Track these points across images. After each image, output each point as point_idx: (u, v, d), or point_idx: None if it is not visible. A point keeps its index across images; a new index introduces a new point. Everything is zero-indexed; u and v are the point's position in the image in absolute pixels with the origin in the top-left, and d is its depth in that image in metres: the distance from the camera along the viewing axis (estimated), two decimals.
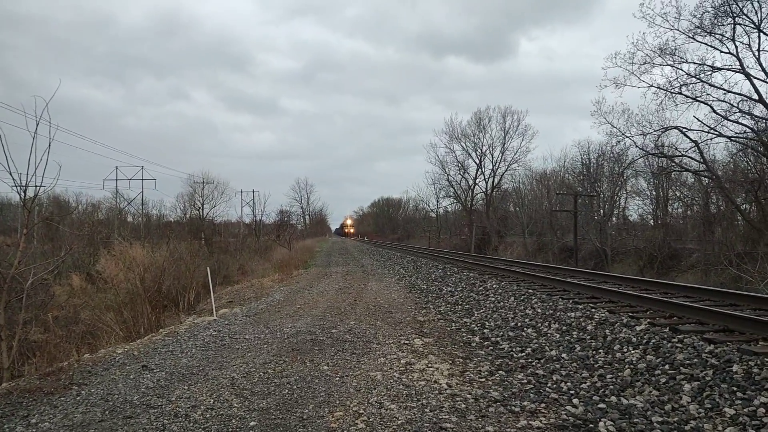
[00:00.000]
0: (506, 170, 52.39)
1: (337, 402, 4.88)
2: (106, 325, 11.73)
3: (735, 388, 4.56)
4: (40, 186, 8.84)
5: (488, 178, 53.54)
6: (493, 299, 10.81)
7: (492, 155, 52.81)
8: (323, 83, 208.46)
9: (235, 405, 4.87)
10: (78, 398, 5.29)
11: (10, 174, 8.09)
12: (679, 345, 5.75)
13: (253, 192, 64.91)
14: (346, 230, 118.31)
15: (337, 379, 5.66)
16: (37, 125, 8.01)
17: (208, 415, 4.61)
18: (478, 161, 53.68)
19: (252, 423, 4.40)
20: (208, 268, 14.48)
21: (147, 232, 35.75)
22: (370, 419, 4.41)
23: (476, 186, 54.89)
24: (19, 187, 8.70)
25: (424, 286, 14.71)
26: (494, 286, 12.27)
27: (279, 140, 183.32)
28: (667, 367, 5.32)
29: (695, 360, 5.28)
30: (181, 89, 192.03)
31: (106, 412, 4.79)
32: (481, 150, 53.14)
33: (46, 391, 5.55)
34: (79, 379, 6.04)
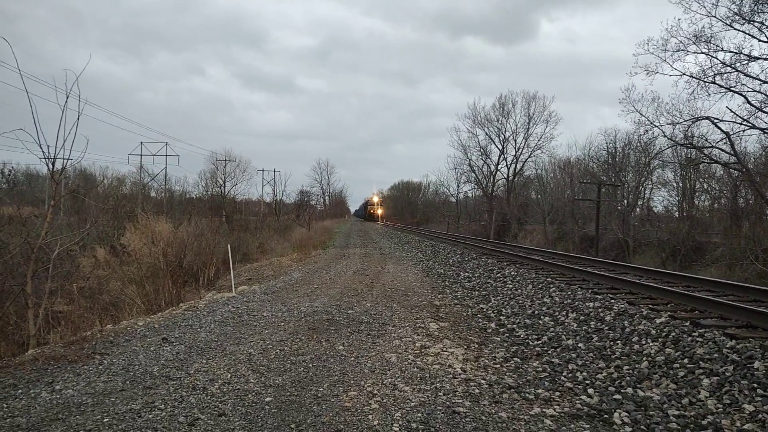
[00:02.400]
0: (529, 157, 51.80)
1: (352, 382, 4.93)
2: (128, 298, 12.01)
3: (755, 385, 4.47)
4: (68, 159, 9.00)
5: (510, 165, 53.03)
6: (510, 286, 10.76)
7: (515, 141, 52.22)
8: (339, 62, 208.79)
9: (252, 380, 4.95)
10: (100, 367, 5.43)
11: (40, 146, 8.24)
12: (699, 339, 5.66)
13: (274, 171, 65.50)
14: (371, 211, 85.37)
15: (353, 359, 5.71)
16: (67, 99, 8.13)
17: (225, 389, 4.70)
18: (500, 147, 53.13)
19: (268, 399, 4.47)
20: (228, 245, 14.67)
21: (170, 208, 36.30)
22: (384, 400, 4.45)
23: (498, 172, 54.43)
24: (47, 159, 8.86)
25: (442, 271, 14.70)
26: (512, 273, 12.19)
27: (295, 119, 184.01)
28: (686, 360, 5.25)
29: (716, 355, 5.20)
30: (196, 65, 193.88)
31: (127, 382, 4.92)
32: (504, 135, 52.56)
33: (70, 359, 5.71)
34: (101, 349, 6.20)
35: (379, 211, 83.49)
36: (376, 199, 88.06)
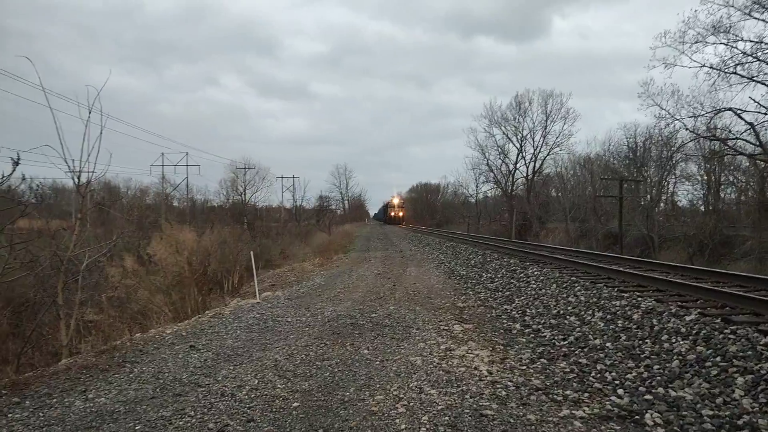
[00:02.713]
0: (548, 154, 51.30)
1: (378, 386, 4.94)
2: (155, 306, 12.21)
3: None
4: (93, 172, 9.19)
5: (529, 163, 52.60)
6: (534, 286, 10.66)
7: (533, 139, 51.80)
8: (352, 67, 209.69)
9: (279, 386, 5.00)
10: (131, 375, 5.54)
11: (65, 161, 8.43)
12: (731, 336, 5.53)
13: (293, 178, 65.95)
14: (392, 213, 77.13)
15: (378, 363, 5.72)
16: (90, 114, 8.33)
17: (253, 395, 4.75)
18: (518, 145, 52.77)
19: (295, 404, 4.51)
20: (251, 252, 14.82)
21: (192, 217, 36.84)
22: (411, 404, 4.44)
23: (517, 171, 54.01)
24: (73, 173, 9.07)
25: (464, 272, 14.63)
26: (535, 272, 12.08)
27: (311, 126, 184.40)
28: (718, 359, 5.14)
29: (749, 352, 5.07)
30: (211, 75, 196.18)
31: (157, 389, 5.00)
32: (522, 134, 52.20)
33: (102, 368, 5.83)
34: (131, 358, 6.31)
35: (401, 214, 76.10)
36: (396, 201, 79.44)
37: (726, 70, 20.92)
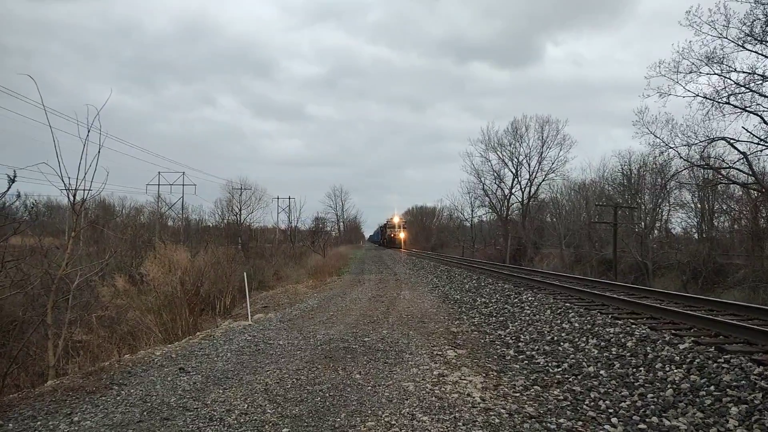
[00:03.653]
0: (543, 180, 51.57)
1: (369, 412, 4.87)
2: (146, 327, 12.05)
3: None
4: (89, 190, 9.14)
5: (525, 188, 52.77)
6: (528, 312, 10.62)
7: (529, 165, 52.13)
8: (347, 89, 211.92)
9: (269, 410, 4.92)
10: (118, 398, 5.44)
11: (62, 178, 8.39)
12: (725, 365, 5.51)
13: (289, 199, 66.05)
14: (392, 234, 69.16)
15: (369, 388, 5.65)
16: (88, 132, 8.32)
17: (242, 420, 4.67)
18: (514, 171, 53.04)
19: (285, 430, 4.43)
20: (244, 273, 14.71)
21: (187, 237, 36.67)
22: (402, 431, 4.38)
23: (512, 196, 54.21)
24: (68, 191, 9.02)
25: (458, 297, 14.57)
26: (530, 298, 12.04)
27: (307, 147, 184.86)
28: (712, 388, 5.11)
29: (743, 382, 5.05)
30: (207, 95, 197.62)
31: (145, 413, 4.91)
32: (518, 159, 52.51)
33: (89, 390, 5.73)
34: (119, 379, 6.21)
35: (402, 235, 67.71)
36: (396, 220, 70.72)
37: (719, 100, 21.27)
